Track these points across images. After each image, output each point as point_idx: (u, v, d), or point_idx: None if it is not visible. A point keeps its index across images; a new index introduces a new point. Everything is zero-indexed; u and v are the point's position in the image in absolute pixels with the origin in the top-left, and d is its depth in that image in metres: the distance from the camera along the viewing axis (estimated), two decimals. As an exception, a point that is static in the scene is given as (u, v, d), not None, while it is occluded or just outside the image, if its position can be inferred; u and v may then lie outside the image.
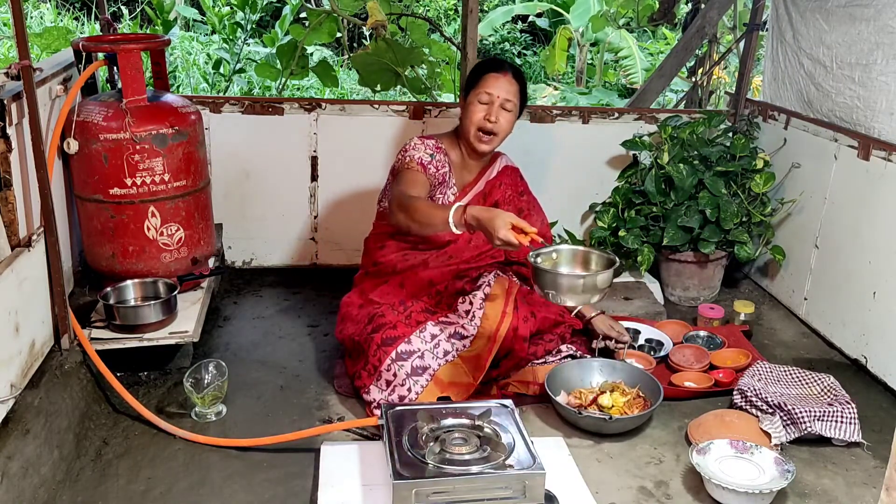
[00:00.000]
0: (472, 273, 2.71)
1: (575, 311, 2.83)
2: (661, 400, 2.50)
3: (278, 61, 4.49)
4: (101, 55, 2.77)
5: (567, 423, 2.49)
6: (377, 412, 2.33)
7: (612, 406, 2.47)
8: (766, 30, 3.73)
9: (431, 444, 2.03)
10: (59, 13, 7.67)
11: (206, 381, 2.47)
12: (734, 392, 2.63)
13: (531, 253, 2.16)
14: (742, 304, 3.22)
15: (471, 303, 2.60)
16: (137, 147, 2.65)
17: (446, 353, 2.51)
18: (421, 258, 2.75)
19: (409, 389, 2.43)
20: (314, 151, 3.47)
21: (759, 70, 4.21)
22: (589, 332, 2.88)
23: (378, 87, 4.04)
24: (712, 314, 3.19)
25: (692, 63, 4.63)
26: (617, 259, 2.20)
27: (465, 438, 2.07)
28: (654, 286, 3.49)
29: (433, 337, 2.52)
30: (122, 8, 7.66)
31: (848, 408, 2.46)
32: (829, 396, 2.57)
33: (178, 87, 6.75)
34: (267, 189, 3.48)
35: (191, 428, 2.39)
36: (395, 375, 2.44)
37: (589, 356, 2.77)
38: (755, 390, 2.55)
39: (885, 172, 2.81)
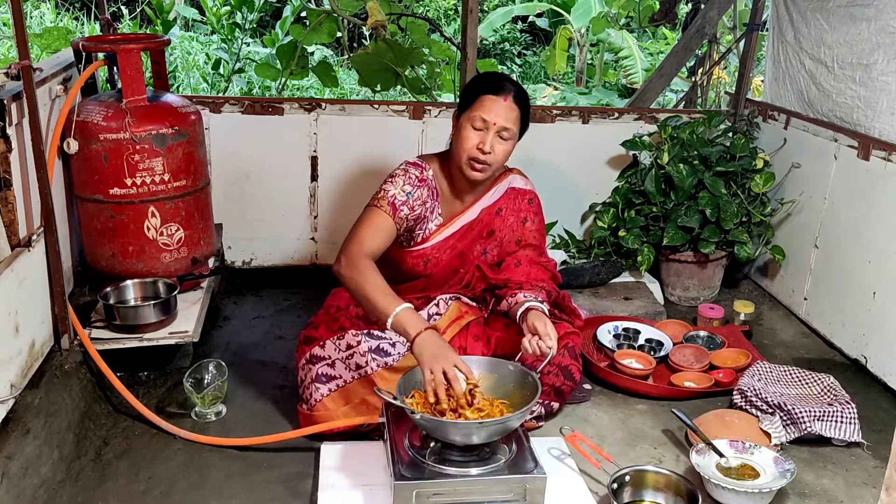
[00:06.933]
0: (439, 303, 2.52)
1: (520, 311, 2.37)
2: (533, 403, 2.01)
3: (278, 61, 4.48)
4: (101, 55, 2.77)
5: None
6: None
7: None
8: (767, 30, 3.74)
9: (432, 444, 2.03)
10: (59, 13, 7.66)
11: (206, 381, 2.47)
12: (734, 392, 2.63)
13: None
14: (742, 304, 3.23)
15: None
16: (137, 147, 2.65)
17: (359, 367, 2.32)
18: (394, 287, 2.28)
19: (311, 395, 2.35)
20: (314, 151, 3.46)
21: (760, 70, 4.22)
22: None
23: (378, 87, 4.03)
24: (712, 314, 3.19)
25: (692, 63, 4.64)
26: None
27: (465, 438, 2.07)
28: (654, 286, 3.49)
29: (348, 347, 2.35)
30: (122, 8, 7.65)
31: (848, 408, 2.46)
32: (829, 396, 2.57)
33: (177, 87, 6.74)
34: (267, 189, 3.48)
35: (191, 428, 2.39)
36: (304, 377, 2.40)
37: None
38: (755, 390, 2.55)
39: (885, 172, 2.81)
